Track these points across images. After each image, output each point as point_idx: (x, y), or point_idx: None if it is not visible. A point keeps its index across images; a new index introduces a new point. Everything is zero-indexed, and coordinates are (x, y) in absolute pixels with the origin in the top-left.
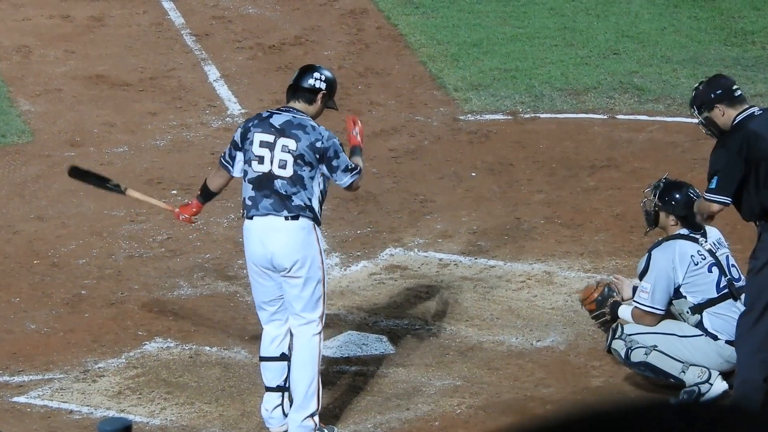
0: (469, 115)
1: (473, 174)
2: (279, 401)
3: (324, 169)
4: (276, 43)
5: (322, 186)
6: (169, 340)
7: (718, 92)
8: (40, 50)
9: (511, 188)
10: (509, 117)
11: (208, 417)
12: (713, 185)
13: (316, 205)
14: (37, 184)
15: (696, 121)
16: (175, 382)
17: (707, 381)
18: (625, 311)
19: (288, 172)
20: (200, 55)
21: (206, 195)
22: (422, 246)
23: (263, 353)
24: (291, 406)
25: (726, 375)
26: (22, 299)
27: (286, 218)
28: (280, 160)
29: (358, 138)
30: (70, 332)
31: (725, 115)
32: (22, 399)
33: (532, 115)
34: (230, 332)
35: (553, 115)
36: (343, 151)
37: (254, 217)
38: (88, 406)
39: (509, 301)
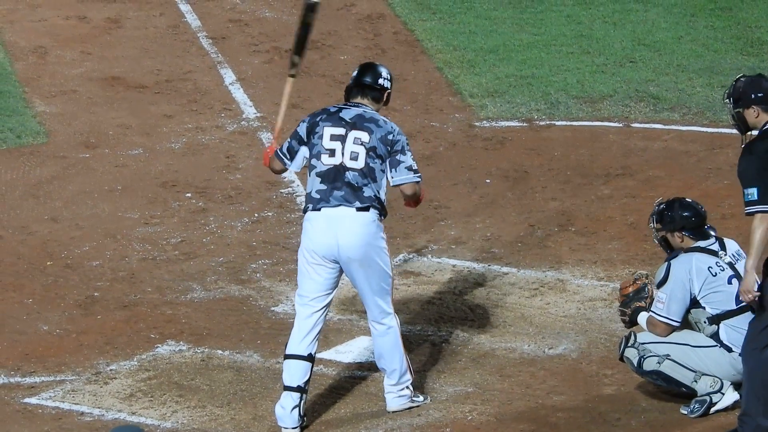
0: (485, 122)
1: (488, 180)
2: (297, 402)
3: (387, 162)
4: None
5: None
6: (181, 343)
7: (759, 95)
8: (57, 51)
9: (525, 195)
10: (524, 124)
11: (219, 420)
12: (755, 196)
13: (383, 198)
14: (52, 186)
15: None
16: (187, 385)
17: (719, 390)
18: (644, 319)
19: (360, 164)
20: (216, 58)
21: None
22: (436, 252)
23: (290, 351)
24: (301, 406)
25: (738, 386)
26: (35, 300)
27: (358, 209)
28: (351, 152)
29: None
30: (83, 334)
31: (758, 118)
32: (33, 400)
33: (548, 122)
34: (243, 336)
35: (569, 123)
36: (411, 152)
37: (323, 209)
38: (99, 408)
39: (522, 308)
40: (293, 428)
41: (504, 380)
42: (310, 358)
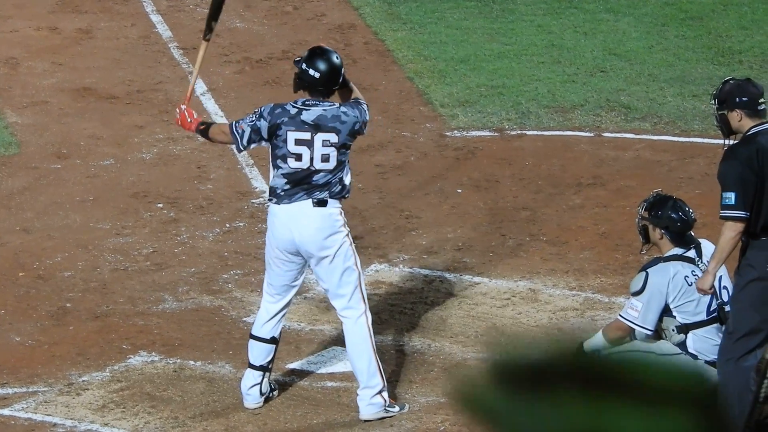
0: (456, 132)
1: (459, 190)
2: (258, 380)
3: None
4: (263, 58)
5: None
6: (153, 353)
7: (743, 99)
8: (28, 62)
9: (496, 205)
10: (496, 134)
11: (191, 431)
12: (732, 201)
13: (347, 179)
14: (24, 196)
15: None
16: (159, 396)
17: None
18: (592, 342)
19: (331, 164)
20: (188, 69)
21: (204, 133)
22: (407, 262)
23: (254, 332)
24: (272, 389)
25: None
26: (7, 312)
27: (314, 203)
28: (322, 155)
29: None
30: (55, 345)
31: (741, 122)
32: (5, 411)
33: (519, 132)
34: (215, 347)
35: (540, 133)
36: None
37: (283, 204)
38: (72, 419)
39: (494, 318)
40: (255, 405)
41: None
42: (273, 340)
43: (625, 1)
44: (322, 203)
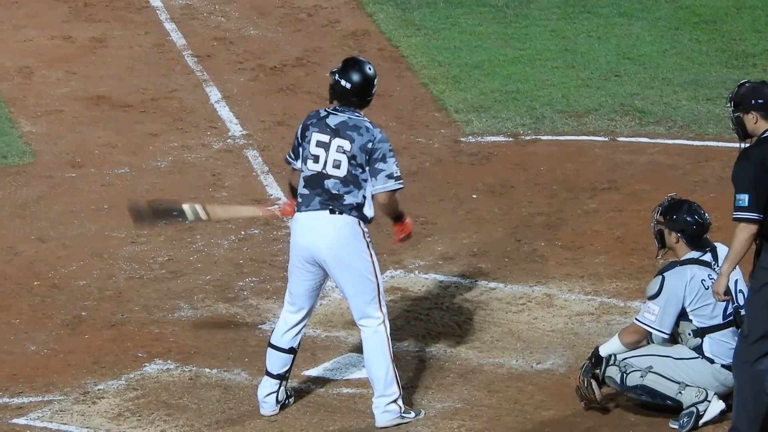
0: (470, 137)
1: (474, 196)
2: (275, 389)
3: (368, 171)
4: (277, 65)
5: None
6: (169, 361)
7: (759, 101)
8: (42, 71)
9: (511, 210)
10: (510, 139)
11: None
12: (745, 203)
13: (368, 205)
14: (38, 205)
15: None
16: (175, 404)
17: (705, 399)
18: (608, 346)
19: (342, 172)
20: (201, 77)
21: (295, 192)
22: (423, 268)
23: (273, 341)
24: (288, 397)
25: (724, 397)
26: (23, 321)
27: (332, 211)
28: (334, 160)
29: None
30: (70, 354)
31: (757, 124)
32: (21, 420)
33: (533, 137)
34: (230, 354)
35: (554, 137)
36: (394, 159)
37: (303, 211)
38: (87, 427)
39: (509, 323)
40: (271, 412)
41: (492, 396)
42: (291, 351)
43: (639, 5)
44: (339, 213)
